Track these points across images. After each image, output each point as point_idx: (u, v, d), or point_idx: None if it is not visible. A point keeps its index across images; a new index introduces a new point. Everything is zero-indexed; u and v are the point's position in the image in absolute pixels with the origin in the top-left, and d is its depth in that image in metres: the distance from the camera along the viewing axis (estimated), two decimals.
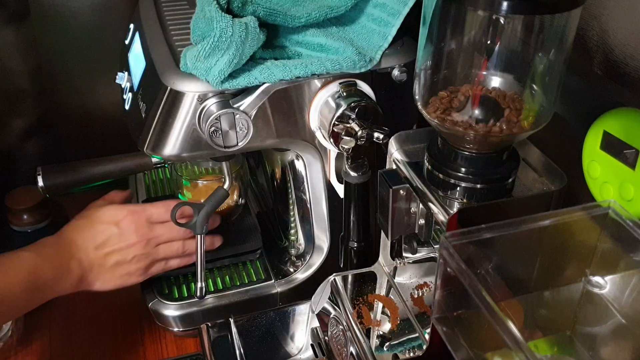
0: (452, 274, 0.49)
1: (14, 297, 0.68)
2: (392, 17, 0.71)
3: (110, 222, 0.77)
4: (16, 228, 1.03)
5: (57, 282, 0.73)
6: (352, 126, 0.68)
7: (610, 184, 0.56)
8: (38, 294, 0.71)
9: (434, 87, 0.59)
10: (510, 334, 0.43)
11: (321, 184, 0.80)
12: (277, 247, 0.94)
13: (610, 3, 0.61)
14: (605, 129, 0.56)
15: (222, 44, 0.63)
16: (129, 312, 0.92)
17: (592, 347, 0.56)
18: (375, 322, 0.71)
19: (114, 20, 1.04)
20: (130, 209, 0.79)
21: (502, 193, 0.58)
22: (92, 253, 0.76)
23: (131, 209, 0.79)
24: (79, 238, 0.76)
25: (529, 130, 0.56)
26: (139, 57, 0.78)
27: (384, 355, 0.67)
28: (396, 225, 0.64)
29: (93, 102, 1.12)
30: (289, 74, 0.68)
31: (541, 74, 0.57)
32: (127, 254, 0.77)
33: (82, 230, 0.77)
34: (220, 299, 0.85)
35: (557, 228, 0.53)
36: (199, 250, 0.79)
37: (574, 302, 0.56)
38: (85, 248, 0.76)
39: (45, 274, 0.71)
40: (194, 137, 0.69)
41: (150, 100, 0.71)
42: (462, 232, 0.51)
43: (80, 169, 0.80)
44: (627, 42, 0.59)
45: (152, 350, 0.87)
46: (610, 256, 0.54)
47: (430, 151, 0.60)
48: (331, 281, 0.75)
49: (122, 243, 0.77)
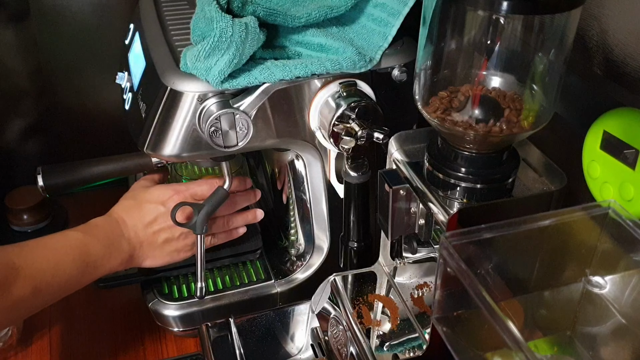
0: (452, 274, 0.49)
1: (66, 274, 0.70)
2: (392, 17, 0.71)
3: (157, 201, 0.79)
4: (16, 228, 1.03)
5: (108, 260, 0.74)
6: (352, 126, 0.68)
7: (610, 184, 0.56)
8: (89, 271, 0.73)
9: (434, 87, 0.59)
10: (510, 334, 0.43)
11: (321, 184, 0.80)
12: (277, 247, 0.94)
13: (610, 3, 0.61)
14: (605, 129, 0.56)
15: (222, 44, 0.63)
16: (129, 312, 0.92)
17: (592, 347, 0.56)
18: (375, 322, 0.71)
19: (114, 20, 1.04)
20: (175, 188, 0.80)
21: (502, 193, 0.58)
22: (142, 231, 0.78)
23: (176, 188, 0.80)
24: (128, 217, 0.78)
25: (529, 130, 0.56)
26: (139, 57, 0.78)
27: (384, 355, 0.67)
28: (396, 225, 0.64)
29: (93, 102, 1.12)
30: (289, 74, 0.68)
31: (541, 74, 0.57)
32: (174, 231, 0.79)
33: (131, 210, 0.79)
34: (220, 299, 0.85)
35: (557, 228, 0.53)
36: (199, 250, 0.79)
37: (574, 302, 0.56)
38: (135, 227, 0.78)
39: (96, 252, 0.73)
40: (194, 137, 0.69)
41: (150, 100, 0.71)
42: (462, 232, 0.51)
43: (80, 169, 0.80)
44: (627, 42, 0.59)
45: (152, 350, 0.87)
46: (610, 256, 0.54)
47: (430, 151, 0.60)
48: (331, 281, 0.75)
49: (169, 222, 0.78)
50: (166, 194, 0.80)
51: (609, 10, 0.61)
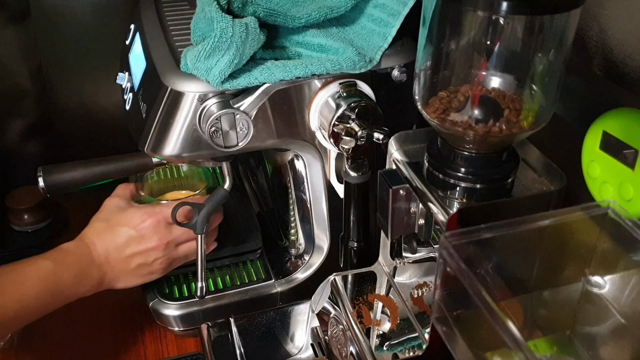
0: (452, 274, 0.50)
1: (31, 307, 0.70)
2: (392, 17, 0.71)
3: (130, 225, 0.78)
4: (16, 228, 1.03)
5: (77, 288, 0.74)
6: (352, 126, 0.68)
7: (609, 184, 0.56)
8: (57, 300, 0.73)
9: (433, 87, 0.59)
10: (510, 334, 0.43)
11: (321, 184, 0.80)
12: (277, 247, 0.94)
13: (610, 3, 0.61)
14: (605, 129, 0.56)
15: (222, 45, 0.63)
16: (129, 312, 0.92)
17: (591, 347, 0.56)
18: (375, 322, 0.71)
19: (115, 21, 1.04)
20: (148, 211, 0.79)
21: (502, 193, 0.59)
22: (113, 256, 0.77)
23: (149, 210, 0.79)
24: (99, 241, 0.77)
25: (529, 130, 0.56)
26: (139, 57, 0.78)
27: (384, 355, 0.67)
28: (396, 225, 0.64)
29: (93, 102, 1.12)
30: (289, 74, 0.68)
31: (541, 74, 0.57)
32: (148, 256, 0.79)
33: (102, 233, 0.78)
34: (220, 299, 0.85)
35: (556, 228, 0.53)
36: (199, 250, 0.79)
37: (573, 302, 0.56)
38: (106, 250, 0.77)
39: (64, 281, 0.73)
40: (194, 137, 0.69)
41: (150, 100, 0.71)
42: (462, 232, 0.51)
43: (80, 169, 0.80)
44: (627, 42, 0.59)
45: (152, 350, 0.87)
46: (610, 256, 0.54)
47: (430, 151, 0.60)
48: (331, 281, 0.75)
49: (142, 246, 0.78)
50: (139, 218, 0.78)
51: (608, 10, 0.61)
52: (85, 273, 0.75)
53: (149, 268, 0.80)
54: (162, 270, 0.81)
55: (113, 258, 0.77)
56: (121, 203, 0.81)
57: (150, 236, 0.78)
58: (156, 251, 0.79)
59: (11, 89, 1.05)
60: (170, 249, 0.81)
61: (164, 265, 0.81)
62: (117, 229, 0.78)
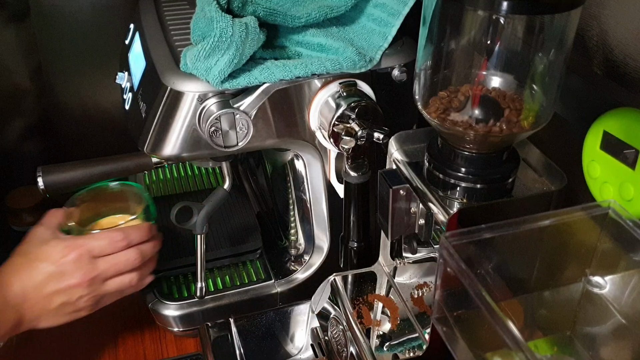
0: (452, 274, 0.50)
1: None
2: (392, 17, 0.71)
3: (49, 260, 0.70)
4: (16, 228, 1.03)
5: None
6: (352, 126, 0.68)
7: (610, 184, 0.56)
8: None
9: (434, 87, 0.59)
10: (510, 334, 0.43)
11: (321, 184, 0.80)
12: (277, 247, 0.94)
13: (610, 3, 0.61)
14: (605, 129, 0.56)
15: (222, 44, 0.63)
16: (129, 312, 0.92)
17: (592, 347, 0.56)
18: (375, 322, 0.71)
19: (114, 20, 1.04)
20: (70, 244, 0.71)
21: (502, 193, 0.58)
22: (32, 295, 0.69)
23: (71, 243, 0.71)
24: (16, 279, 0.69)
25: (529, 130, 0.56)
26: (139, 57, 0.78)
27: (384, 355, 0.67)
28: (396, 225, 0.64)
29: (93, 102, 1.12)
30: (289, 74, 0.68)
31: (541, 74, 0.57)
32: (71, 294, 0.71)
33: (20, 270, 0.70)
34: (220, 299, 0.85)
35: (557, 228, 0.53)
36: (199, 250, 0.79)
37: (574, 302, 0.56)
38: (23, 289, 0.69)
39: None
40: (194, 137, 0.69)
41: (150, 100, 0.71)
42: (462, 232, 0.51)
43: (80, 169, 0.80)
44: (627, 42, 0.59)
45: (152, 350, 0.87)
46: (610, 256, 0.54)
47: (430, 151, 0.60)
48: (331, 281, 0.75)
49: (63, 284, 0.70)
50: (59, 252, 0.70)
51: (609, 10, 0.61)
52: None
53: (73, 307, 0.71)
54: (90, 307, 0.73)
55: (31, 297, 0.69)
56: (45, 234, 0.73)
57: (72, 272, 0.70)
58: (79, 288, 0.71)
59: (11, 89, 1.05)
60: (97, 285, 0.72)
61: (91, 302, 0.72)
62: (35, 264, 0.70)
